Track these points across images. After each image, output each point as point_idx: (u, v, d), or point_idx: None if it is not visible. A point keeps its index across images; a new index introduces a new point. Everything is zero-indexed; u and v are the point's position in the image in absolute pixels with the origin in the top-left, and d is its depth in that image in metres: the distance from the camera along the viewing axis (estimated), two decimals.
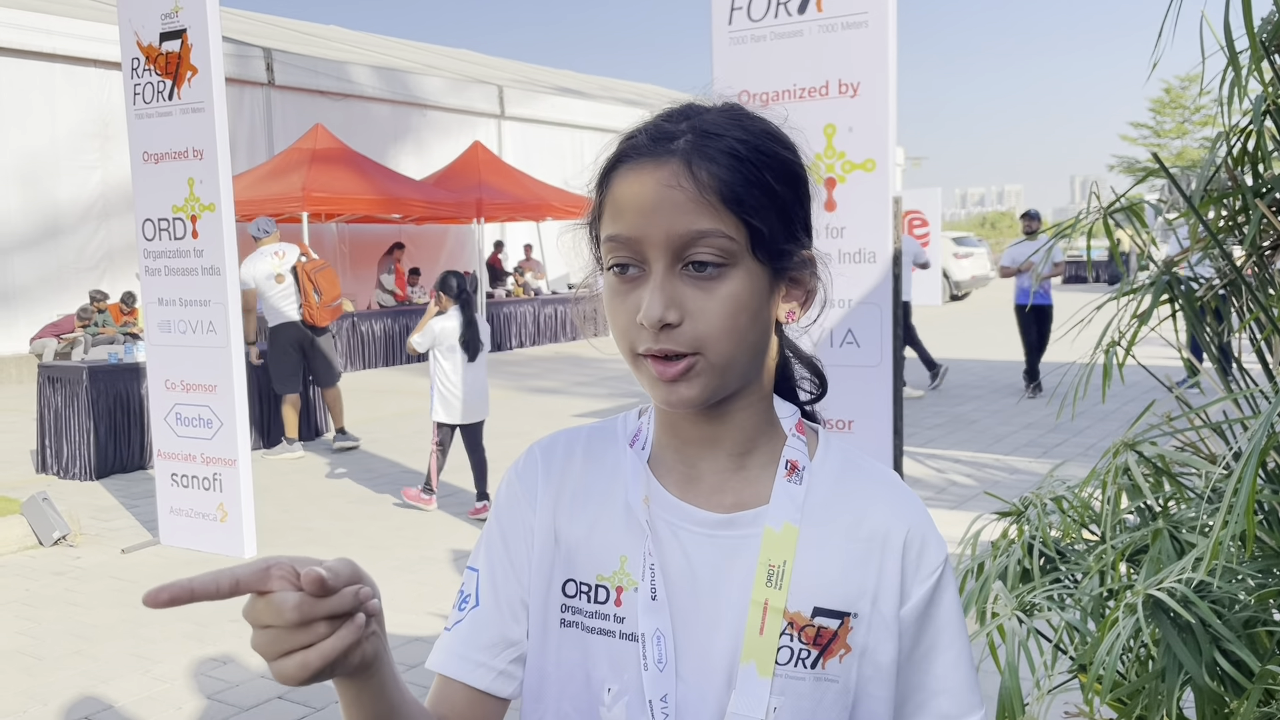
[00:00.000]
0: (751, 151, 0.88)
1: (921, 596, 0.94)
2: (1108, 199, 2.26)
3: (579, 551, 0.96)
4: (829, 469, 0.97)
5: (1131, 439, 1.96)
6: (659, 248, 0.86)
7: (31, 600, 4.88)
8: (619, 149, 0.92)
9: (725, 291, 0.86)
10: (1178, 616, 1.61)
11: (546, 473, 1.00)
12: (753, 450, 0.95)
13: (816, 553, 0.92)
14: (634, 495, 0.95)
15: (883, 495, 0.96)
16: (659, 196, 0.86)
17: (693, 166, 0.86)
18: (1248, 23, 1.73)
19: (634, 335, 0.88)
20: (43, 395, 7.74)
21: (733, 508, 0.94)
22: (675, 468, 0.97)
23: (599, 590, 0.95)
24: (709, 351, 0.87)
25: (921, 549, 0.95)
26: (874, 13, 3.58)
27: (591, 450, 1.01)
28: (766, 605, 0.90)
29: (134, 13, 5.48)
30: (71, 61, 13.77)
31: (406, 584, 4.99)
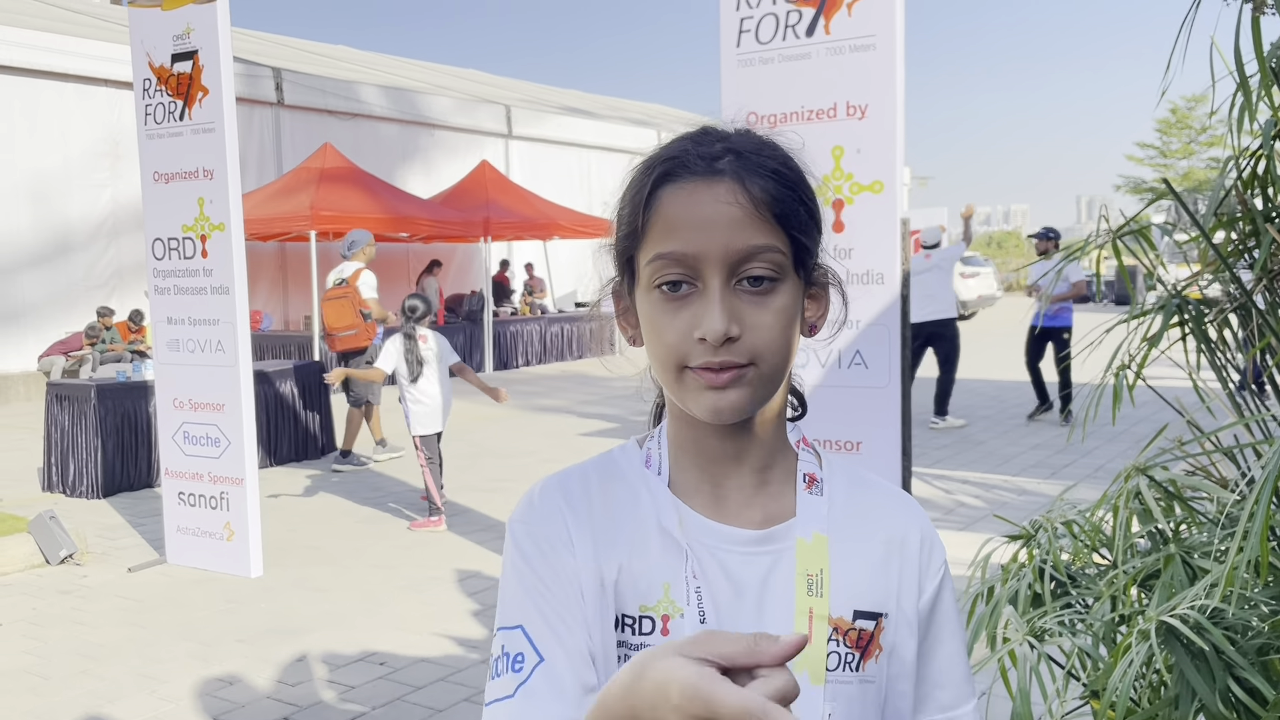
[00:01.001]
0: (788, 170, 0.92)
1: (932, 591, 1.00)
2: (1115, 218, 2.26)
3: (620, 584, 0.95)
4: (838, 481, 1.02)
5: (1143, 463, 1.96)
6: (716, 263, 0.88)
7: (38, 619, 4.88)
8: (663, 168, 0.92)
9: (778, 304, 0.90)
10: (1191, 643, 1.60)
11: (574, 513, 0.96)
12: (772, 465, 0.99)
13: (845, 559, 0.97)
14: (668, 521, 0.95)
15: (892, 503, 1.03)
16: (715, 213, 0.88)
17: (746, 183, 0.89)
18: (1257, 48, 1.73)
19: (686, 350, 0.89)
20: (50, 413, 7.76)
21: (764, 523, 0.96)
22: (699, 488, 0.97)
23: (644, 621, 0.94)
24: (762, 362, 0.90)
25: (931, 547, 1.02)
26: (882, 35, 3.59)
27: (605, 485, 0.99)
28: (811, 614, 0.93)
29: (146, 34, 5.53)
30: (83, 81, 13.88)
31: (415, 604, 4.98)
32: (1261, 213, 2.06)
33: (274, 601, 5.07)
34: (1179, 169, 37.36)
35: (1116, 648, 1.70)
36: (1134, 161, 38.34)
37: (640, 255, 0.92)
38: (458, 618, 4.77)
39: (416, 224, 14.55)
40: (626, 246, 0.95)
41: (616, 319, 1.01)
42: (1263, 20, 1.72)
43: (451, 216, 15.13)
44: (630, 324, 0.99)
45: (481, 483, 7.75)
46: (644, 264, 0.92)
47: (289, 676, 4.12)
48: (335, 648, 4.42)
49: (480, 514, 6.77)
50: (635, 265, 0.94)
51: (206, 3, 5.28)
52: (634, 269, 0.95)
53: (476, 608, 4.90)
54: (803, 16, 3.69)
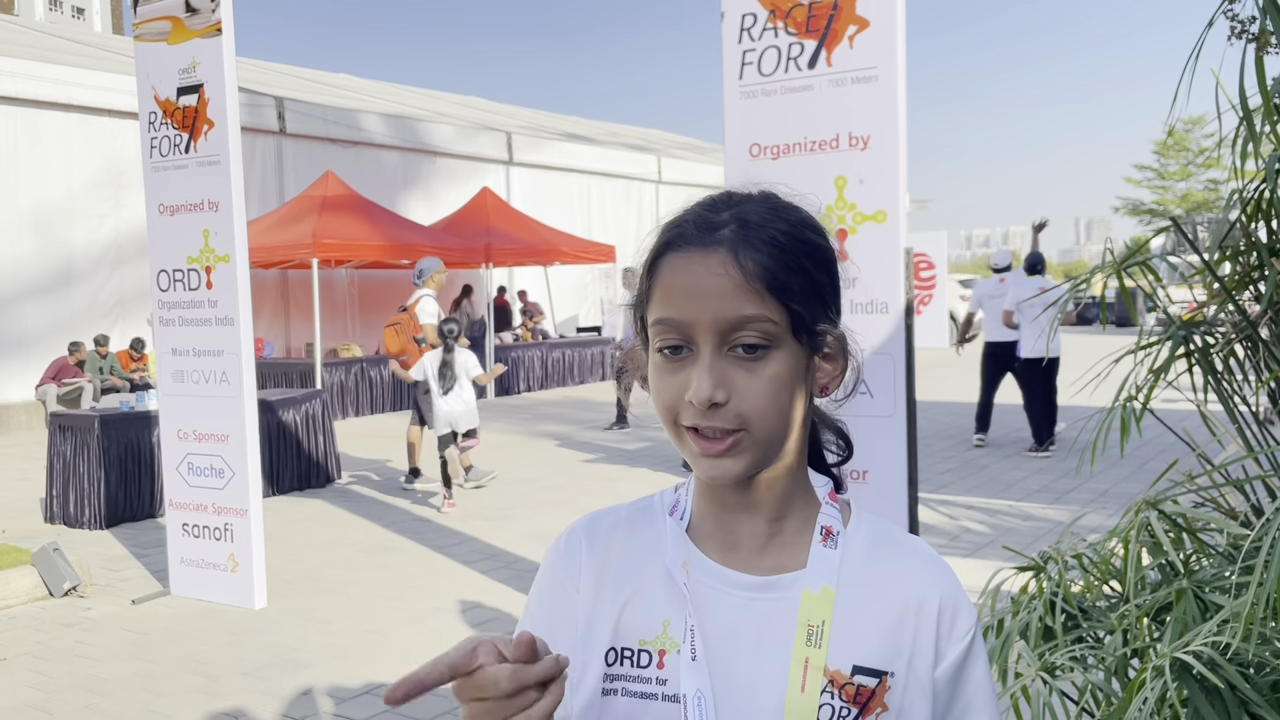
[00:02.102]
0: (791, 240, 0.94)
1: (955, 659, 0.98)
2: (1115, 236, 2.27)
3: (622, 620, 1.00)
4: (862, 536, 1.01)
5: (1153, 497, 1.96)
6: (707, 331, 0.91)
7: (42, 653, 4.86)
8: (665, 237, 0.97)
9: (769, 372, 0.92)
10: (1205, 679, 1.60)
11: (590, 550, 1.04)
12: (788, 515, 1.00)
13: (853, 614, 0.96)
14: (673, 561, 1.00)
15: (915, 562, 1.01)
16: (707, 284, 0.91)
17: (739, 255, 0.91)
18: (1261, 85, 1.75)
19: (679, 409, 0.93)
20: (53, 443, 7.76)
21: (771, 570, 0.98)
22: (715, 534, 1.01)
23: (641, 654, 0.98)
24: (753, 428, 0.92)
25: (954, 613, 0.99)
26: (884, 67, 3.62)
27: (633, 527, 1.05)
28: (807, 663, 0.94)
29: (152, 68, 5.57)
30: (86, 111, 13.97)
31: (419, 634, 4.96)
32: (1266, 245, 2.07)
33: (278, 633, 5.05)
34: (1177, 190, 37.48)
35: (1131, 684, 1.69)
36: (1132, 183, 38.47)
37: (647, 316, 0.97)
38: None
39: (418, 251, 14.57)
40: (639, 307, 1.00)
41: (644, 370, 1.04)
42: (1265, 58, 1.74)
43: (453, 243, 15.18)
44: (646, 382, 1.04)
45: (484, 511, 7.74)
46: (650, 325, 0.96)
47: (294, 710, 4.10)
48: (340, 680, 4.40)
49: (483, 543, 6.76)
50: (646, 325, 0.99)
51: (212, 37, 5.33)
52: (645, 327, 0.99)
53: None
54: (805, 49, 3.72)
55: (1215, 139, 1.98)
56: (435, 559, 6.38)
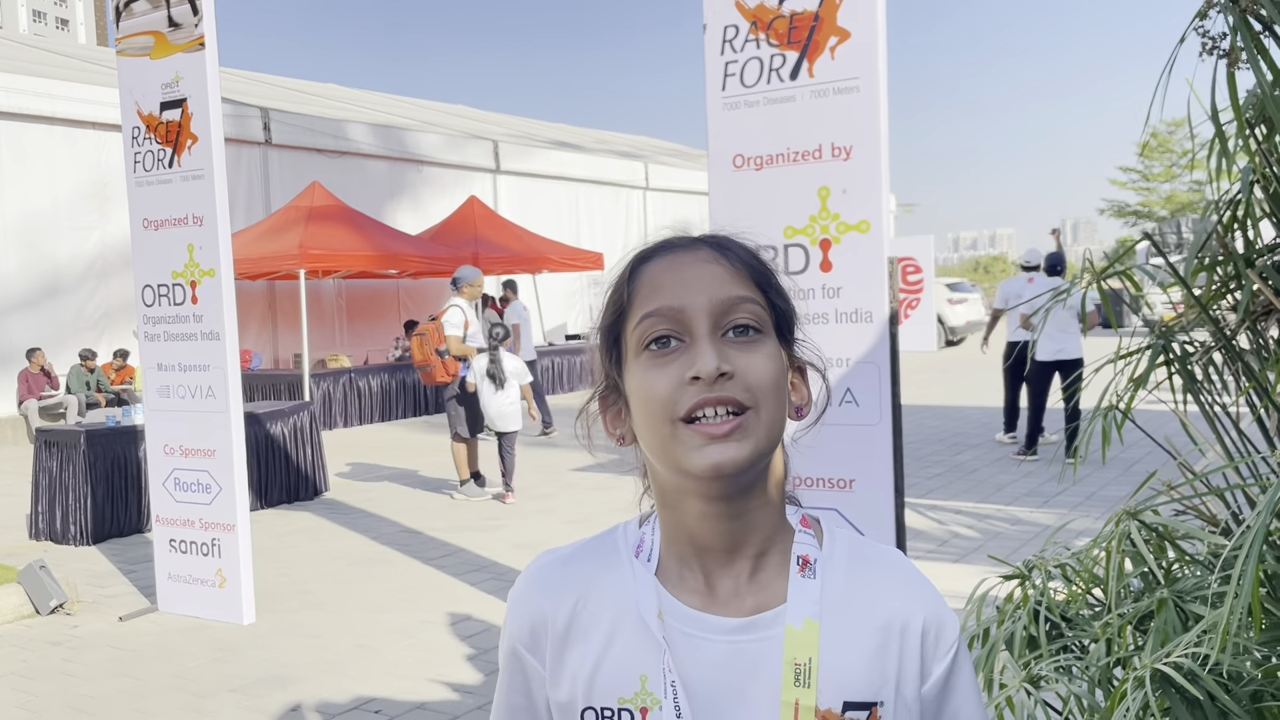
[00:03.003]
0: (761, 256, 0.97)
1: (941, 674, 0.97)
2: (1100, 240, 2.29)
3: (596, 676, 0.95)
4: (838, 560, 0.98)
5: (1133, 508, 1.97)
6: (703, 313, 0.91)
7: (29, 671, 4.83)
8: (645, 251, 0.98)
9: (767, 351, 0.92)
10: (1185, 690, 1.61)
11: (555, 606, 0.99)
12: (768, 551, 0.96)
13: (838, 646, 0.94)
14: (647, 610, 0.95)
15: (895, 582, 0.98)
16: (699, 270, 0.93)
17: (724, 251, 0.94)
18: (1233, 99, 1.77)
19: (678, 398, 0.89)
20: (39, 459, 7.72)
21: (752, 611, 0.95)
22: (687, 578, 0.97)
23: (622, 714, 0.94)
24: (760, 406, 0.89)
25: (939, 633, 0.97)
26: (865, 77, 3.64)
27: (594, 570, 1.00)
28: (797, 706, 0.91)
29: (134, 82, 5.56)
30: (70, 124, 13.93)
31: (408, 648, 4.95)
32: (1242, 256, 2.09)
33: (267, 649, 5.03)
34: (1161, 192, 37.71)
35: (1113, 695, 1.70)
36: (1117, 185, 38.68)
37: (627, 326, 0.94)
38: (452, 662, 4.74)
39: (405, 260, 14.58)
40: (612, 326, 0.97)
41: (606, 428, 1.01)
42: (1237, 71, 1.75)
43: (440, 252, 15.17)
44: (618, 423, 1.00)
45: (474, 521, 7.73)
46: (631, 330, 0.94)
47: None
48: (329, 696, 4.39)
49: (473, 554, 6.75)
50: (622, 343, 0.96)
51: (195, 51, 5.32)
52: (620, 349, 0.96)
53: (471, 651, 4.87)
54: (786, 60, 3.73)
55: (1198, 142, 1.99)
56: (425, 571, 6.36)
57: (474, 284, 8.76)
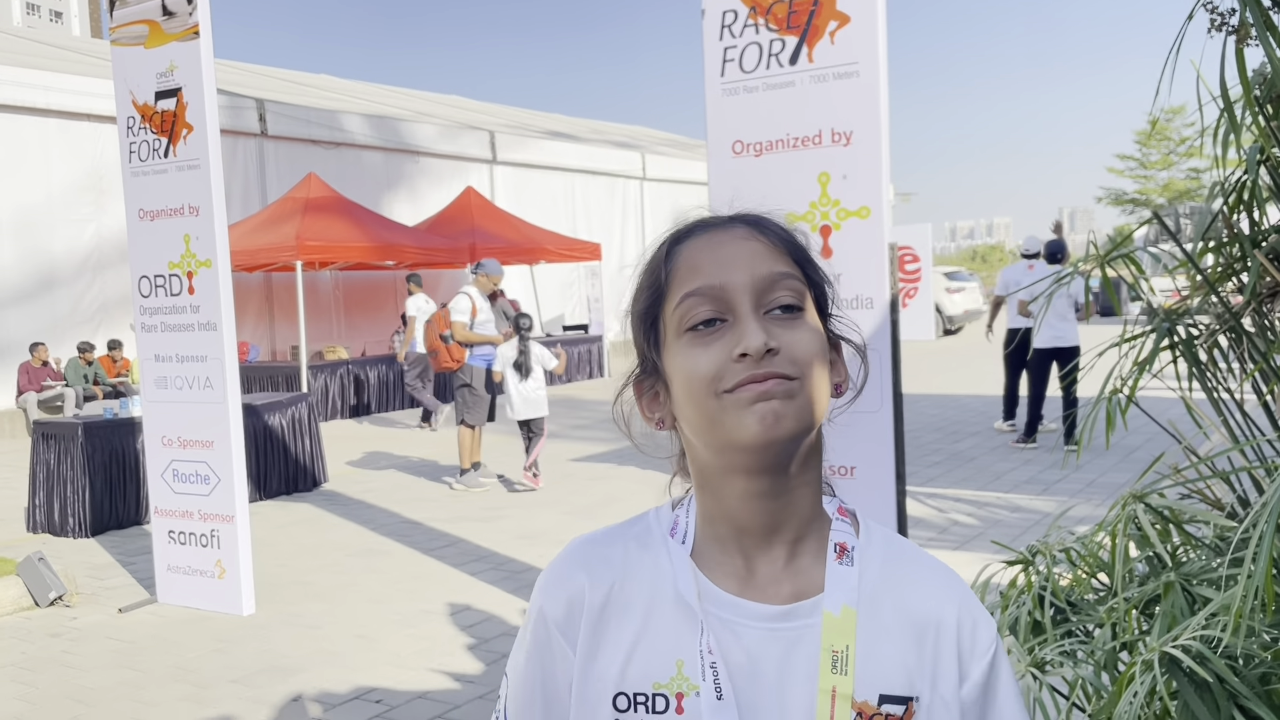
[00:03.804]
0: (795, 233, 0.97)
1: (980, 675, 0.94)
2: (1098, 228, 2.28)
3: (631, 660, 0.94)
4: (875, 551, 0.97)
5: (1140, 491, 1.96)
6: (745, 291, 0.90)
7: (28, 663, 4.82)
8: (679, 232, 0.97)
9: (810, 326, 0.92)
10: (1194, 673, 1.60)
11: (592, 586, 0.97)
12: (805, 536, 0.95)
13: (874, 637, 0.93)
14: (686, 590, 0.94)
15: (929, 578, 0.98)
16: (738, 248, 0.93)
17: (761, 228, 0.94)
18: (1242, 77, 1.75)
19: (725, 374, 0.88)
20: (36, 451, 7.70)
21: (790, 598, 0.93)
22: (724, 561, 0.96)
23: (657, 699, 0.92)
24: (805, 379, 0.89)
25: (974, 628, 0.95)
26: (865, 63, 3.62)
27: (630, 551, 0.99)
28: (835, 693, 0.90)
29: (129, 72, 5.52)
30: (65, 116, 13.86)
31: (408, 638, 4.94)
32: (1249, 236, 2.07)
33: (267, 640, 5.02)
34: (1159, 180, 37.67)
35: (1120, 678, 1.69)
36: (1114, 173, 38.63)
37: (666, 308, 0.94)
38: (453, 652, 4.73)
39: (402, 251, 14.54)
40: (649, 308, 0.95)
41: (643, 412, 0.99)
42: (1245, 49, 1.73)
43: (437, 243, 15.13)
44: (656, 407, 0.98)
45: (475, 512, 7.72)
46: (671, 312, 0.93)
47: (285, 717, 4.08)
48: (330, 686, 4.38)
49: (473, 544, 6.74)
50: (660, 325, 0.95)
51: (189, 40, 5.28)
52: (658, 332, 0.95)
53: (471, 641, 4.86)
54: (786, 45, 3.71)
55: (1196, 128, 1.98)
56: (425, 562, 6.35)
57: (490, 276, 8.78)
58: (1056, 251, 9.58)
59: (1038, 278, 9.27)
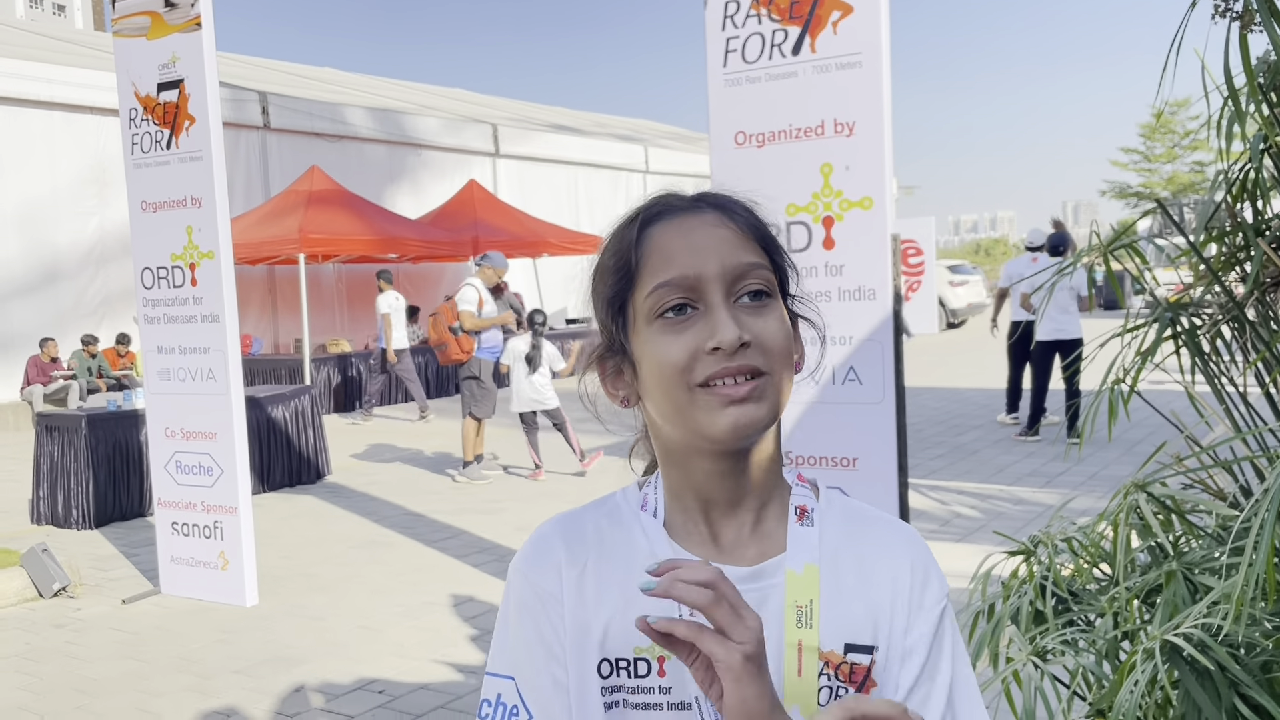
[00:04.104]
0: (759, 214, 0.98)
1: (927, 628, 0.97)
2: (1102, 222, 2.27)
3: (611, 629, 0.96)
4: (834, 513, 1.01)
5: (1142, 480, 1.95)
6: (716, 281, 0.91)
7: (32, 654, 4.84)
8: (648, 213, 0.97)
9: (777, 315, 0.94)
10: (1195, 661, 1.60)
11: (571, 562, 0.99)
12: (768, 503, 0.99)
13: (837, 592, 0.96)
14: (664, 556, 0.96)
15: (887, 535, 1.01)
16: (709, 235, 0.93)
17: (729, 213, 0.95)
18: (1245, 63, 1.74)
19: (694, 365, 0.90)
20: (40, 443, 7.71)
21: (755, 560, 0.97)
22: (693, 531, 0.99)
23: (639, 664, 0.95)
24: (774, 370, 0.91)
25: (925, 581, 0.99)
26: (868, 53, 3.61)
27: (602, 528, 1.01)
28: (800, 646, 0.93)
29: (131, 63, 5.52)
30: (69, 109, 13.87)
31: (412, 630, 4.94)
32: (1252, 225, 2.07)
33: (270, 631, 5.03)
34: (1163, 173, 37.59)
35: (1121, 666, 1.69)
36: (1118, 166, 38.55)
37: (635, 294, 0.95)
38: (455, 643, 4.74)
39: (405, 244, 14.54)
40: (618, 292, 0.96)
41: (604, 387, 1.01)
42: (1249, 36, 1.73)
43: (440, 236, 15.13)
44: (620, 385, 1.00)
45: (476, 504, 7.72)
46: (641, 300, 0.94)
47: (288, 707, 4.09)
48: (333, 676, 4.39)
49: (475, 536, 6.75)
50: (629, 309, 0.96)
51: (192, 31, 5.28)
52: (626, 315, 0.96)
53: (474, 632, 4.87)
54: (788, 35, 3.70)
55: (1200, 121, 1.97)
56: (427, 553, 6.36)
57: (495, 268, 8.82)
58: (1059, 244, 9.54)
59: (1042, 270, 9.21)
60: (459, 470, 8.75)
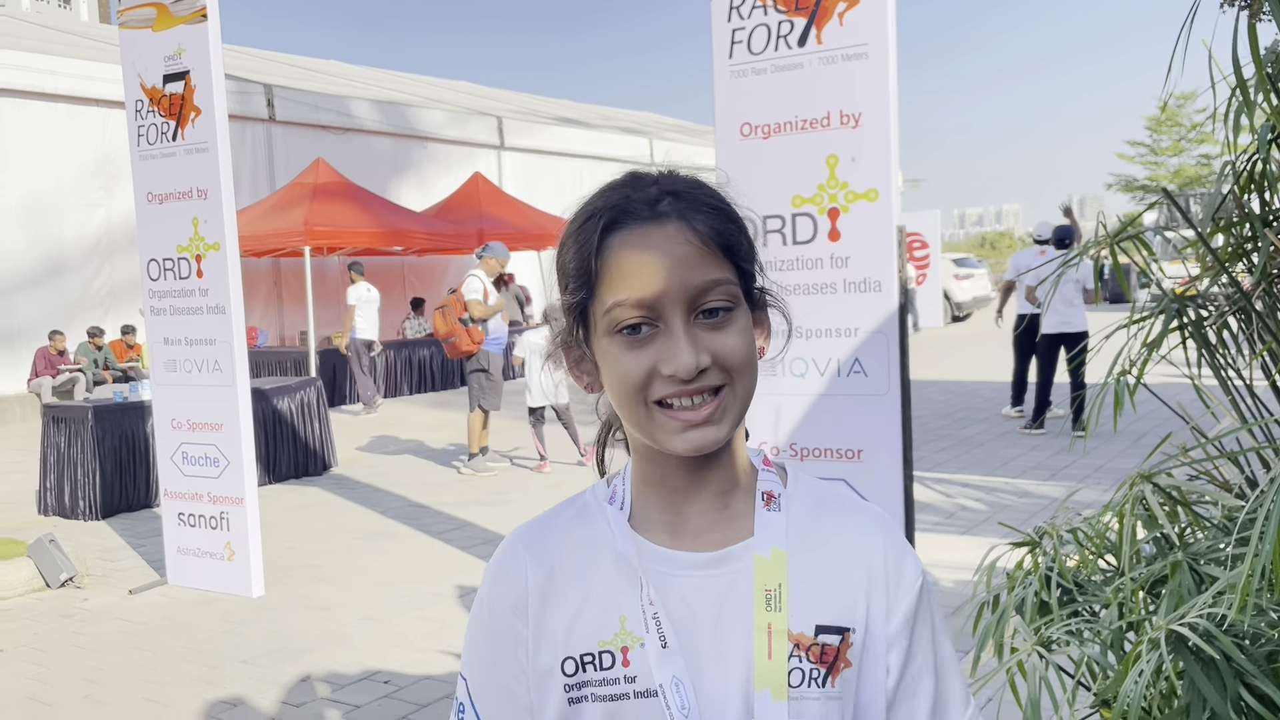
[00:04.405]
0: (722, 204, 0.94)
1: (906, 612, 0.98)
2: (1108, 216, 2.27)
3: (575, 625, 0.97)
4: (802, 496, 1.01)
5: (1147, 470, 1.95)
6: (677, 302, 0.90)
7: (40, 644, 4.86)
8: (607, 217, 0.92)
9: (738, 328, 0.92)
10: (1200, 651, 1.60)
11: (536, 564, 1.00)
12: (734, 488, 0.99)
13: (806, 575, 0.97)
14: (624, 547, 0.97)
15: (857, 519, 1.01)
16: (669, 254, 0.90)
17: (690, 222, 0.91)
18: (1254, 52, 1.73)
19: (650, 385, 0.90)
20: (47, 435, 7.74)
21: (720, 545, 0.97)
22: (659, 519, 0.99)
23: (604, 656, 0.95)
24: (736, 384, 0.91)
25: (900, 565, 0.99)
26: (874, 44, 3.60)
27: (568, 529, 1.02)
28: (770, 629, 0.93)
29: (137, 55, 5.52)
30: (74, 101, 13.88)
31: (416, 620, 4.96)
32: (1259, 216, 2.06)
33: (276, 621, 5.05)
34: (1169, 166, 37.46)
35: (1126, 657, 1.69)
36: (1125, 159, 38.43)
37: (595, 305, 0.93)
38: (460, 634, 4.75)
39: (410, 237, 14.54)
40: (579, 298, 0.94)
41: (569, 370, 1.01)
42: (1258, 26, 1.72)
43: (445, 229, 15.13)
44: (585, 371, 1.00)
45: (480, 496, 7.74)
46: (601, 313, 0.92)
47: (293, 697, 4.11)
48: (338, 667, 4.40)
49: (480, 527, 6.76)
50: (589, 315, 0.95)
51: (197, 23, 5.28)
52: (587, 319, 0.95)
53: None
54: (794, 26, 3.69)
55: (1207, 113, 1.97)
56: (432, 545, 6.38)
57: (498, 258, 8.82)
58: (1065, 236, 9.52)
59: (1048, 262, 9.16)
60: (465, 462, 8.77)
